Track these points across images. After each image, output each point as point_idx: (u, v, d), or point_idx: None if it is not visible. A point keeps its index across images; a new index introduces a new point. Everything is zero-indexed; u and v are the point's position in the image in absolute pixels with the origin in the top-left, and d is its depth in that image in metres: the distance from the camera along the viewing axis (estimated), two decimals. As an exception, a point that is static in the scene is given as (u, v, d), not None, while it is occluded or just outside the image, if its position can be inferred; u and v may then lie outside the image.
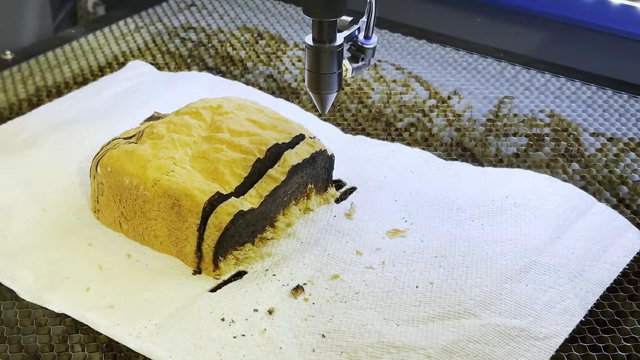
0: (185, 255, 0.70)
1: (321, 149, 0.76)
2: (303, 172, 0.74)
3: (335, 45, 0.70)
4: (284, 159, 0.73)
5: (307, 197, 0.76)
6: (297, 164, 0.73)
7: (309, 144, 0.75)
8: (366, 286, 0.69)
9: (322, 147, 0.76)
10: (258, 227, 0.72)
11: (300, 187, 0.75)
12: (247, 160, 0.71)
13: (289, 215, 0.74)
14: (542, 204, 0.77)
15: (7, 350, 0.63)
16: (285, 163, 0.72)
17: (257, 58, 1.05)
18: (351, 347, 0.63)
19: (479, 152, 0.87)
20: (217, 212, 0.68)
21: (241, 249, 0.70)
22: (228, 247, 0.69)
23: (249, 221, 0.70)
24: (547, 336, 0.64)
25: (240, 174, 0.70)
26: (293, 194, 0.74)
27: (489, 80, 1.01)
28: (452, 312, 0.65)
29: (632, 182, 0.83)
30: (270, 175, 0.71)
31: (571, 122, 0.92)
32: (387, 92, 0.98)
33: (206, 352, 0.62)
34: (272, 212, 0.73)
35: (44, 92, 0.97)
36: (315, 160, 0.75)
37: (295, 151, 0.74)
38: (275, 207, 0.73)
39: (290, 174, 0.72)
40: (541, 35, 1.16)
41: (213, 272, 0.69)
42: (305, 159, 0.74)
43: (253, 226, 0.71)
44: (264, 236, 0.73)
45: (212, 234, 0.67)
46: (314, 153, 0.75)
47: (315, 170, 0.76)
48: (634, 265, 0.72)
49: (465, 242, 0.73)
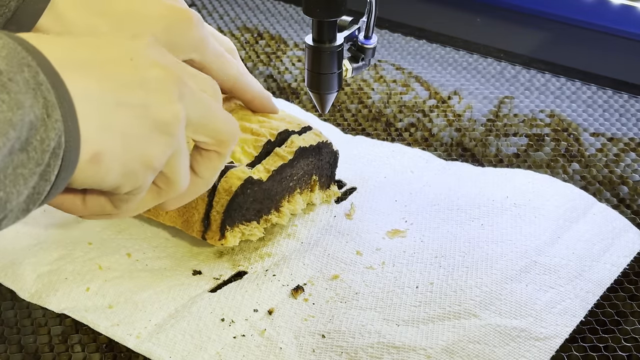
0: (191, 225, 0.69)
1: (327, 141, 0.76)
2: (309, 160, 0.74)
3: (335, 45, 0.70)
4: (291, 141, 0.73)
5: (311, 189, 0.76)
6: (304, 147, 0.73)
7: (316, 134, 0.75)
8: (366, 286, 0.69)
9: (328, 140, 0.76)
10: (264, 207, 0.71)
11: (305, 176, 0.75)
12: (258, 141, 0.71)
13: (293, 203, 0.74)
14: (542, 204, 0.77)
15: (6, 351, 0.63)
16: (292, 144, 0.72)
17: (257, 58, 1.05)
18: (351, 348, 0.63)
19: (479, 152, 0.87)
20: (227, 176, 0.68)
21: (248, 224, 0.70)
22: (235, 218, 0.69)
23: (257, 195, 0.70)
24: (548, 336, 0.63)
25: (251, 152, 0.70)
26: (298, 182, 0.74)
27: (489, 80, 1.01)
28: (452, 313, 0.65)
29: (633, 182, 0.83)
30: (277, 153, 0.71)
31: (571, 122, 0.92)
32: (387, 92, 0.98)
33: (206, 352, 0.62)
34: (278, 195, 0.73)
35: (44, 92, 0.96)
36: (321, 151, 0.75)
37: (302, 137, 0.74)
38: (281, 190, 0.73)
39: (296, 155, 0.72)
40: (541, 35, 1.16)
41: (218, 241, 0.69)
42: (311, 145, 0.74)
43: (260, 204, 0.71)
44: (269, 218, 0.73)
45: (221, 199, 0.67)
46: (321, 143, 0.75)
47: (320, 162, 0.76)
48: (635, 265, 0.72)
49: (465, 242, 0.73)
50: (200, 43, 0.68)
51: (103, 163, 0.47)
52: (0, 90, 0.40)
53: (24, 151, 0.42)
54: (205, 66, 0.69)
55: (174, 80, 0.50)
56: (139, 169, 0.49)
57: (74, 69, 0.45)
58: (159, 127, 0.49)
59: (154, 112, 0.48)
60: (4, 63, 0.41)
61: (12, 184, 0.42)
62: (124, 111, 0.47)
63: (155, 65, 0.49)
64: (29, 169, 0.42)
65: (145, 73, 0.49)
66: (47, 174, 0.44)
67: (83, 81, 0.45)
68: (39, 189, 0.44)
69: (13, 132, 0.41)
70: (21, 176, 0.42)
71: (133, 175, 0.49)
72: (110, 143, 0.47)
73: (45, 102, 0.42)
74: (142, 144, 0.49)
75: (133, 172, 0.49)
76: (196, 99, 0.52)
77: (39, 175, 0.43)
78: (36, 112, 0.42)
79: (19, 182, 0.42)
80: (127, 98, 0.47)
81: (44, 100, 0.42)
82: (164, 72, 0.50)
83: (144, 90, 0.48)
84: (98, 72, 0.47)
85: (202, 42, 0.68)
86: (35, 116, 0.42)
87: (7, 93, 0.40)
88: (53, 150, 0.43)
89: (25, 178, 0.43)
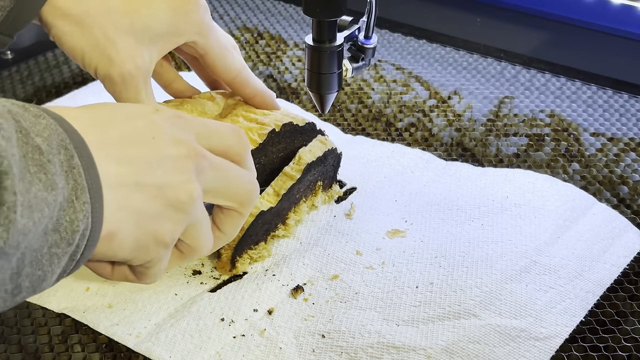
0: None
1: (332, 147, 0.76)
2: (315, 170, 0.74)
3: (335, 45, 0.70)
4: (299, 157, 0.72)
5: (314, 194, 0.76)
6: (312, 162, 0.73)
7: (322, 141, 0.75)
8: (366, 286, 0.69)
9: (333, 146, 0.76)
10: (272, 225, 0.72)
11: (311, 185, 0.75)
12: (262, 129, 0.70)
13: (299, 213, 0.74)
14: (542, 204, 0.77)
15: (6, 351, 0.63)
16: (300, 161, 0.72)
17: (257, 58, 1.05)
18: (351, 348, 0.63)
19: (479, 152, 0.87)
20: None
21: (255, 247, 0.70)
22: (245, 247, 0.69)
23: (266, 220, 0.70)
24: (548, 336, 0.63)
25: (256, 140, 0.70)
26: (304, 192, 0.74)
27: (489, 80, 1.01)
28: (452, 313, 0.65)
29: (633, 182, 0.83)
30: (286, 173, 0.71)
31: (571, 122, 0.92)
32: (387, 92, 0.98)
33: (206, 352, 0.62)
34: (285, 210, 0.73)
35: (44, 92, 0.96)
36: (326, 158, 0.75)
37: (309, 149, 0.74)
38: (289, 205, 0.73)
39: (305, 171, 0.72)
40: (541, 35, 1.16)
41: (229, 272, 0.69)
42: (319, 157, 0.74)
43: (268, 224, 0.71)
44: (276, 234, 0.73)
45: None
46: (327, 151, 0.75)
47: (325, 168, 0.76)
48: (634, 265, 0.72)
49: (465, 242, 0.73)
50: (205, 27, 0.69)
51: (117, 240, 0.49)
52: (39, 169, 0.43)
53: (57, 231, 0.44)
54: (208, 52, 0.70)
55: (192, 156, 0.51)
56: (151, 244, 0.51)
57: (103, 150, 0.47)
58: (173, 205, 0.50)
59: (170, 192, 0.50)
60: (45, 144, 0.43)
61: (49, 263, 0.44)
62: (142, 191, 0.49)
63: (175, 143, 0.51)
64: (61, 249, 0.44)
65: (165, 151, 0.50)
66: (76, 254, 0.46)
67: (110, 164, 0.47)
68: (66, 268, 0.46)
69: (47, 211, 0.42)
70: (55, 256, 0.44)
71: (144, 250, 0.51)
72: (125, 222, 0.49)
73: (75, 184, 0.44)
74: (156, 222, 0.50)
75: (145, 247, 0.51)
76: (214, 170, 0.53)
77: (69, 255, 0.45)
78: (65, 194, 0.44)
79: (54, 261, 0.44)
80: (146, 179, 0.49)
81: (74, 182, 0.44)
82: (183, 150, 0.51)
83: (162, 170, 0.50)
84: (124, 154, 0.49)
85: (206, 27, 0.69)
86: (64, 198, 0.44)
87: (44, 173, 0.43)
88: (82, 231, 0.45)
89: (59, 257, 0.45)
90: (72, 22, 0.66)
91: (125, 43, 0.66)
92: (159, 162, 0.50)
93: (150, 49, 0.67)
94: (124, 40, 0.66)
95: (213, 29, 0.70)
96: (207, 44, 0.69)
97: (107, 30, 0.66)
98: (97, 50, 0.66)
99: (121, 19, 0.66)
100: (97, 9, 0.65)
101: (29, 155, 0.42)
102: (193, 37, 0.68)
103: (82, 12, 0.65)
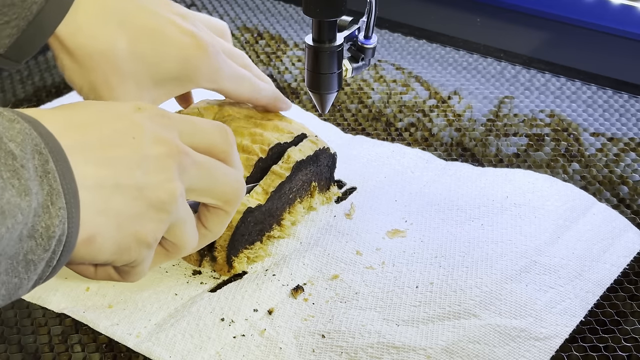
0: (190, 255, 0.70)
1: (324, 147, 0.76)
2: (307, 170, 0.74)
3: (335, 45, 0.70)
4: (287, 156, 0.73)
5: (311, 195, 0.76)
6: (301, 160, 0.73)
7: (312, 141, 0.75)
8: (366, 286, 0.69)
9: (325, 145, 0.76)
10: (266, 225, 0.72)
11: (304, 185, 0.75)
12: (249, 160, 0.71)
13: (294, 214, 0.74)
14: (542, 204, 0.77)
15: (6, 351, 0.63)
16: (289, 159, 0.72)
17: (257, 58, 1.05)
18: (351, 348, 0.63)
19: (479, 152, 0.87)
20: None
21: (252, 247, 0.70)
22: (239, 246, 0.69)
23: (257, 218, 0.70)
24: (548, 336, 0.63)
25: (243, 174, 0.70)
26: (298, 192, 0.74)
27: (489, 80, 1.01)
28: (452, 313, 0.65)
29: (633, 182, 0.83)
30: (274, 172, 0.71)
31: (571, 122, 0.92)
32: (387, 92, 0.98)
33: (206, 352, 0.62)
34: (279, 210, 0.73)
35: (44, 92, 0.96)
36: (318, 158, 0.75)
37: (298, 148, 0.74)
38: (281, 205, 0.73)
39: (294, 170, 0.72)
40: (541, 35, 1.16)
41: (228, 273, 0.69)
42: (309, 156, 0.74)
43: (261, 224, 0.71)
44: (272, 234, 0.73)
45: (223, 235, 0.67)
46: (317, 150, 0.75)
47: (319, 168, 0.76)
48: (634, 265, 0.72)
49: (465, 242, 0.73)
50: (216, 75, 0.69)
51: (96, 244, 0.48)
52: (12, 175, 0.42)
53: (32, 238, 0.43)
54: (219, 91, 0.72)
55: (174, 155, 0.50)
56: (133, 245, 0.50)
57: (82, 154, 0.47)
58: (154, 205, 0.50)
59: (150, 192, 0.49)
60: (18, 149, 0.43)
61: (25, 270, 0.44)
62: (122, 193, 0.48)
63: (156, 142, 0.50)
64: (37, 255, 0.44)
65: (146, 151, 0.49)
66: (52, 260, 0.45)
67: (88, 167, 0.47)
68: (42, 275, 0.45)
69: (21, 217, 0.42)
70: (32, 262, 0.44)
71: (126, 251, 0.50)
72: (104, 225, 0.48)
73: (51, 190, 0.44)
74: (137, 223, 0.49)
75: (126, 249, 0.50)
76: (198, 168, 0.52)
77: (46, 261, 0.44)
78: (40, 199, 0.43)
79: (30, 268, 0.44)
80: (126, 180, 0.48)
81: (49, 187, 0.44)
82: (164, 149, 0.50)
83: (142, 171, 0.49)
84: (103, 156, 0.48)
85: (218, 74, 0.69)
86: (39, 203, 0.43)
87: (18, 179, 0.42)
88: (59, 237, 0.44)
89: (35, 264, 0.44)
90: (75, 61, 0.66)
91: (125, 88, 0.66)
92: (139, 163, 0.49)
93: (153, 93, 0.68)
94: (125, 85, 0.66)
95: (224, 71, 0.70)
96: (217, 88, 0.71)
97: (108, 76, 0.66)
98: (94, 92, 0.66)
99: (125, 64, 0.66)
100: (101, 54, 0.65)
101: (2, 161, 0.42)
102: (204, 84, 0.69)
103: (86, 54, 0.65)
